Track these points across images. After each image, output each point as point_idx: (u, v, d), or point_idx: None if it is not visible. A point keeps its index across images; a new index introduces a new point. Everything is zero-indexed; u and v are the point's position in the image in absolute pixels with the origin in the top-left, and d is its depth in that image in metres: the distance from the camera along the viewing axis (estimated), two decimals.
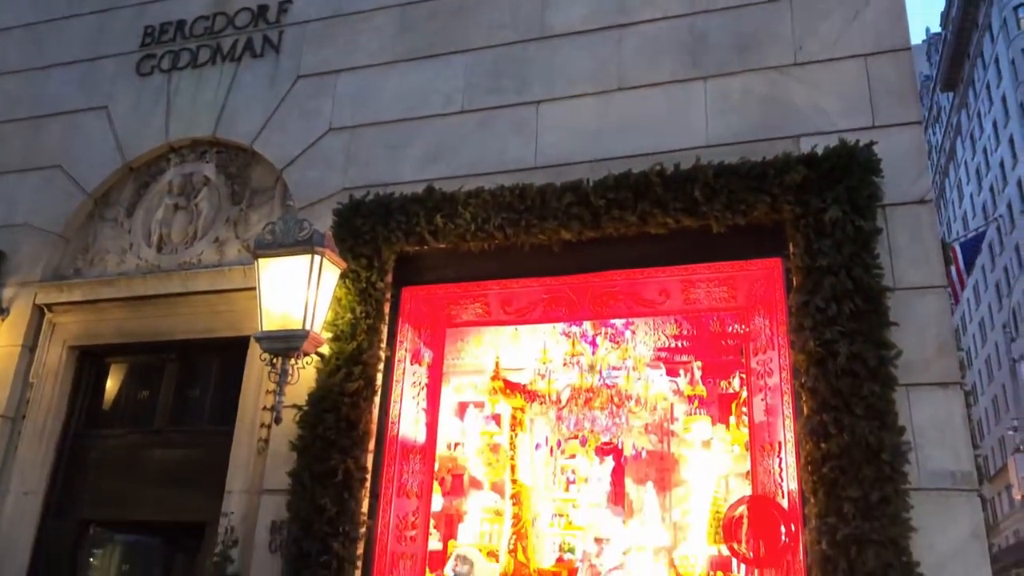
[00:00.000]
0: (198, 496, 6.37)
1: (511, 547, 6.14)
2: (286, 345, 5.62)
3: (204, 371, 7.18)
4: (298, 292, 5.60)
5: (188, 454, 6.70)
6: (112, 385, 7.32)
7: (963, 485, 4.54)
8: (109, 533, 7.00)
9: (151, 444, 6.86)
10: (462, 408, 7.77)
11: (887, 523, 4.38)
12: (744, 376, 6.22)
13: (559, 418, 6.77)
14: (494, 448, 7.14)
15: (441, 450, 7.08)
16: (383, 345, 6.15)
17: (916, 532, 4.39)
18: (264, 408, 6.14)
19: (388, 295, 6.18)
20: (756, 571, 5.30)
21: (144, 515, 6.70)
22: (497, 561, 6.27)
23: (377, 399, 6.03)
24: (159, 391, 7.12)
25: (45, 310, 7.14)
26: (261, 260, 5.59)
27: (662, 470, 7.02)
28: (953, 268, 9.08)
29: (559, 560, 6.30)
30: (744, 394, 6.22)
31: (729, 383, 7.06)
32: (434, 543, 6.68)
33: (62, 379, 7.02)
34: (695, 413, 6.75)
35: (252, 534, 5.82)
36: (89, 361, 7.23)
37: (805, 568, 4.75)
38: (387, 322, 6.23)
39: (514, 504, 6.33)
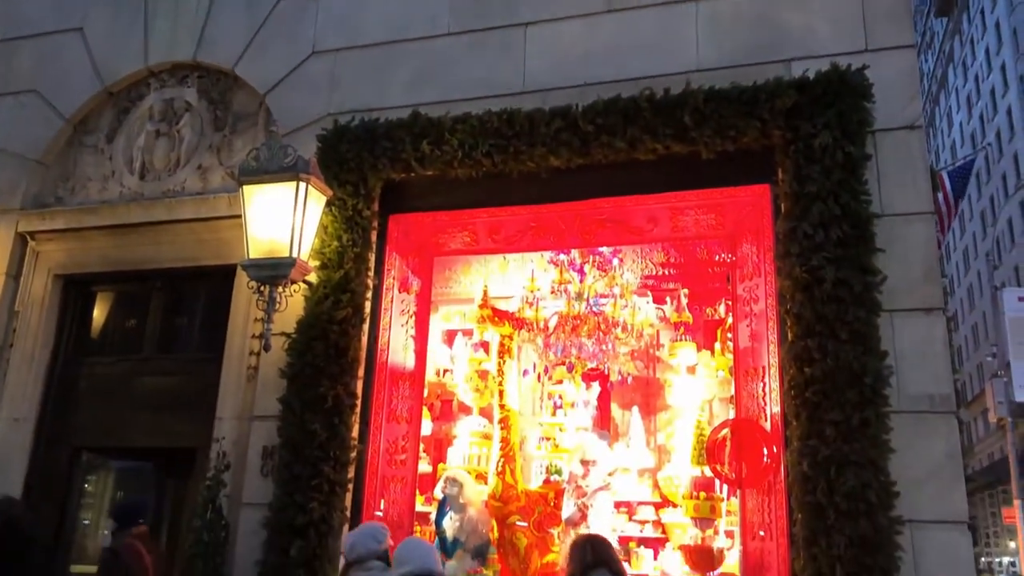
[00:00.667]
0: (188, 422, 6.44)
1: (499, 469, 6.26)
2: (273, 273, 5.60)
3: (191, 299, 7.17)
4: (284, 219, 5.55)
5: (177, 381, 6.74)
6: (99, 314, 7.31)
7: (941, 408, 4.65)
8: (102, 459, 7.08)
9: (140, 372, 6.89)
10: (451, 336, 7.82)
11: (867, 445, 4.49)
12: (730, 303, 6.27)
13: (547, 345, 6.82)
14: (482, 374, 7.22)
15: (430, 376, 7.15)
16: (371, 273, 6.14)
17: (894, 453, 4.51)
18: (253, 336, 6.16)
19: (375, 223, 6.14)
20: (738, 491, 5.44)
21: (135, 441, 6.78)
22: (485, 483, 6.41)
23: (366, 327, 6.05)
24: (146, 319, 7.12)
25: (28, 238, 7.07)
26: (246, 187, 5.53)
27: (647, 395, 7.14)
28: (941, 196, 9.09)
29: (546, 482, 6.44)
30: (730, 320, 6.28)
31: (715, 310, 7.12)
32: (424, 466, 6.81)
33: (48, 308, 7.00)
34: (681, 339, 6.82)
35: (244, 459, 5.90)
36: (75, 290, 7.20)
37: (786, 488, 4.88)
38: (374, 250, 6.21)
39: (502, 428, 6.43)
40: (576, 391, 6.95)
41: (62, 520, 6.68)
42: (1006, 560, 33.65)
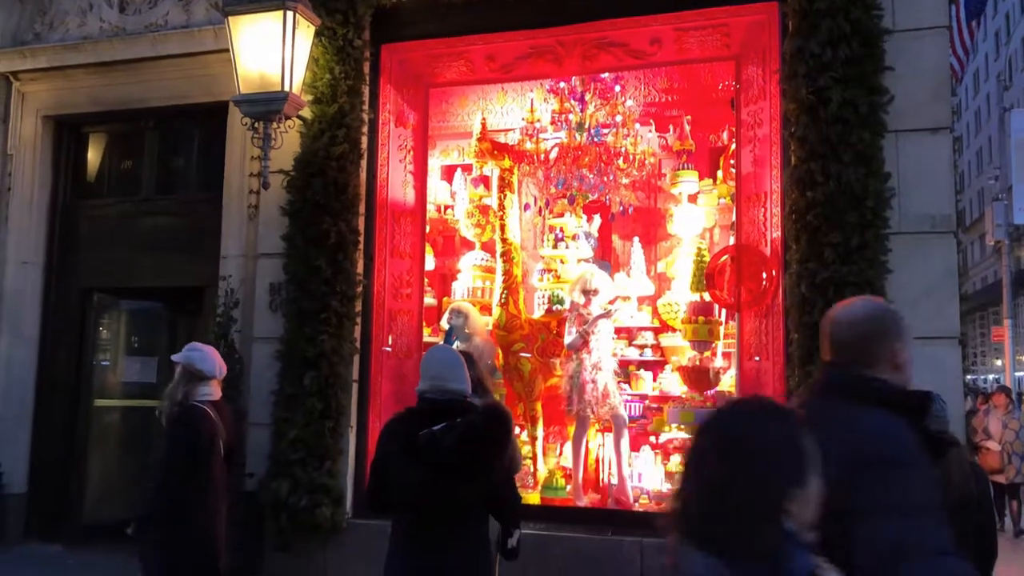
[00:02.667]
0: (193, 262, 6.52)
1: (503, 301, 6.37)
2: (266, 108, 5.46)
3: (185, 139, 7.06)
4: (273, 52, 5.35)
5: (178, 222, 6.76)
6: (93, 156, 7.22)
7: (941, 228, 4.66)
8: (112, 300, 7.22)
9: (140, 213, 6.90)
10: (450, 171, 7.74)
11: (864, 266, 4.55)
12: (733, 129, 6.15)
13: (547, 178, 6.75)
14: (483, 209, 7.19)
15: (431, 213, 7.14)
16: (365, 107, 6.00)
17: (891, 273, 4.57)
18: (251, 174, 6.11)
19: (367, 54, 5.94)
20: (736, 315, 5.57)
21: (143, 282, 6.89)
22: (489, 314, 6.55)
23: (364, 163, 5.99)
24: (142, 160, 7.05)
25: (11, 78, 6.87)
26: (231, 19, 5.30)
27: (648, 225, 7.15)
28: (954, 18, 8.64)
29: (548, 311, 6.57)
30: (733, 147, 6.19)
31: (718, 137, 6.99)
32: (429, 300, 6.93)
33: (41, 150, 6.91)
34: (683, 168, 6.74)
35: (252, 295, 6.01)
36: (66, 131, 7.07)
37: (783, 310, 4.99)
38: (368, 83, 6.03)
39: (504, 262, 6.48)
40: (577, 223, 6.94)
41: (80, 360, 6.91)
42: (991, 377, 35.05)
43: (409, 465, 2.57)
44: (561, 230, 6.95)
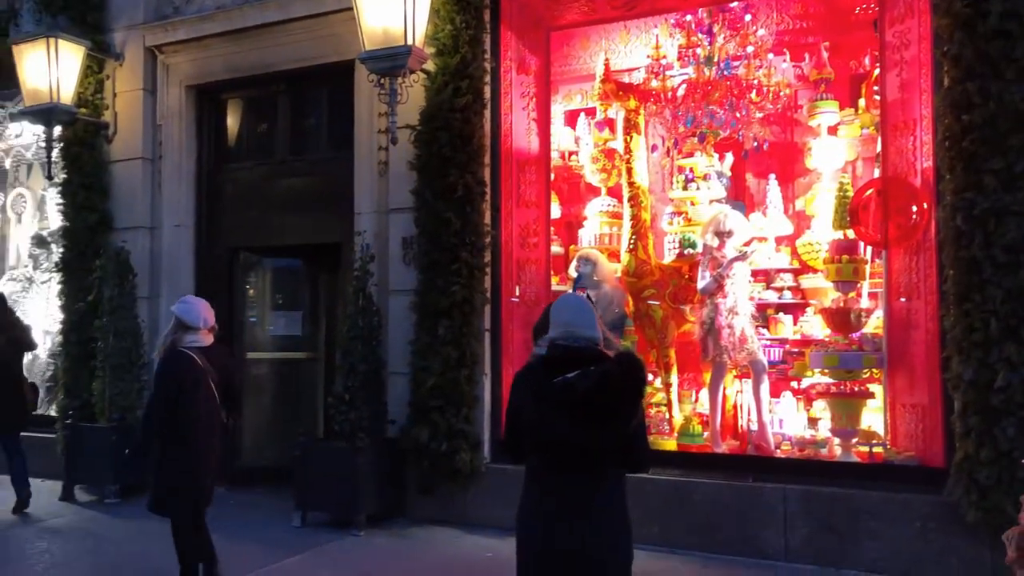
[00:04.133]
0: (330, 219, 6.75)
1: (631, 247, 6.24)
2: (391, 64, 5.53)
3: (315, 100, 7.27)
4: (395, 7, 5.40)
5: (313, 181, 7.00)
6: (232, 121, 7.55)
7: None
8: (257, 258, 7.60)
9: (277, 174, 7.19)
10: (573, 116, 7.60)
11: None
12: (876, 52, 5.71)
13: (675, 116, 6.50)
14: (609, 153, 7.03)
15: (555, 160, 7.06)
16: (487, 56, 5.97)
17: None
18: (379, 131, 6.22)
19: (486, 1, 5.89)
20: (883, 252, 5.23)
21: (284, 240, 7.20)
22: (618, 260, 6.45)
23: (487, 113, 5.98)
24: (276, 123, 7.32)
25: (156, 52, 7.25)
26: None
27: (785, 161, 6.78)
28: None
29: (680, 255, 6.39)
30: (876, 72, 5.75)
31: (859, 63, 6.50)
32: (556, 248, 6.90)
33: (186, 119, 7.29)
34: (821, 98, 6.32)
35: (386, 249, 6.18)
36: (207, 99, 7.42)
37: (936, 245, 4.65)
38: (488, 31, 5.99)
39: (632, 206, 6.33)
40: (708, 162, 6.67)
41: (231, 315, 7.33)
42: None
43: (543, 412, 2.56)
44: (691, 170, 6.71)
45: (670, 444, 5.83)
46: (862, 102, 6.35)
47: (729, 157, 6.78)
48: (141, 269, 7.01)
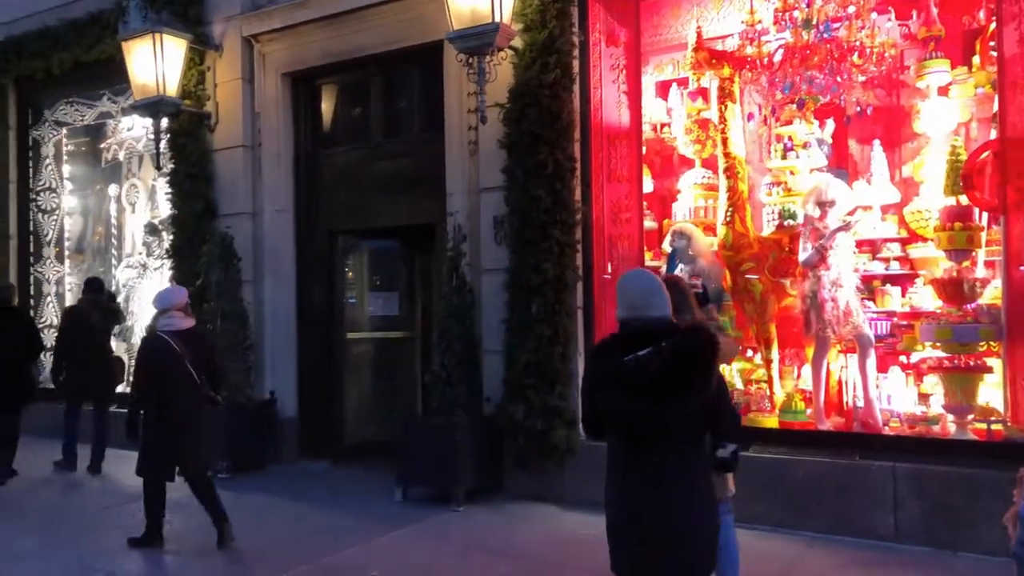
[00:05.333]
0: (423, 200, 6.83)
1: (728, 219, 6.06)
2: (479, 42, 5.53)
3: (406, 82, 7.36)
4: None
5: (406, 163, 7.09)
6: (327, 107, 7.72)
7: None
8: (354, 240, 7.78)
9: (372, 158, 7.32)
10: (665, 87, 7.42)
11: None
12: (992, 5, 5.34)
13: (772, 83, 6.24)
14: (702, 124, 6.84)
15: (647, 133, 6.92)
16: (575, 30, 5.89)
17: None
18: (468, 111, 6.24)
19: None
20: (1001, 218, 4.92)
21: (380, 222, 7.34)
22: (714, 234, 6.28)
23: (576, 87, 5.91)
24: (369, 107, 7.45)
25: (253, 41, 7.47)
26: None
27: (891, 125, 6.43)
28: None
29: (779, 227, 6.17)
30: (992, 26, 5.39)
31: (972, 17, 6.08)
32: (649, 223, 6.78)
33: (282, 106, 7.50)
34: (931, 57, 5.96)
35: (478, 229, 6.21)
36: (302, 86, 7.61)
37: None
38: (576, 4, 5.91)
39: (728, 177, 6.14)
40: (808, 130, 6.40)
41: (331, 297, 7.54)
42: None
43: (616, 391, 2.57)
44: (790, 139, 6.47)
45: (771, 421, 5.68)
46: (976, 59, 5.97)
47: (830, 124, 6.51)
48: (244, 254, 7.28)
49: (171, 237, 7.77)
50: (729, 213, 6.11)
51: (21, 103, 9.58)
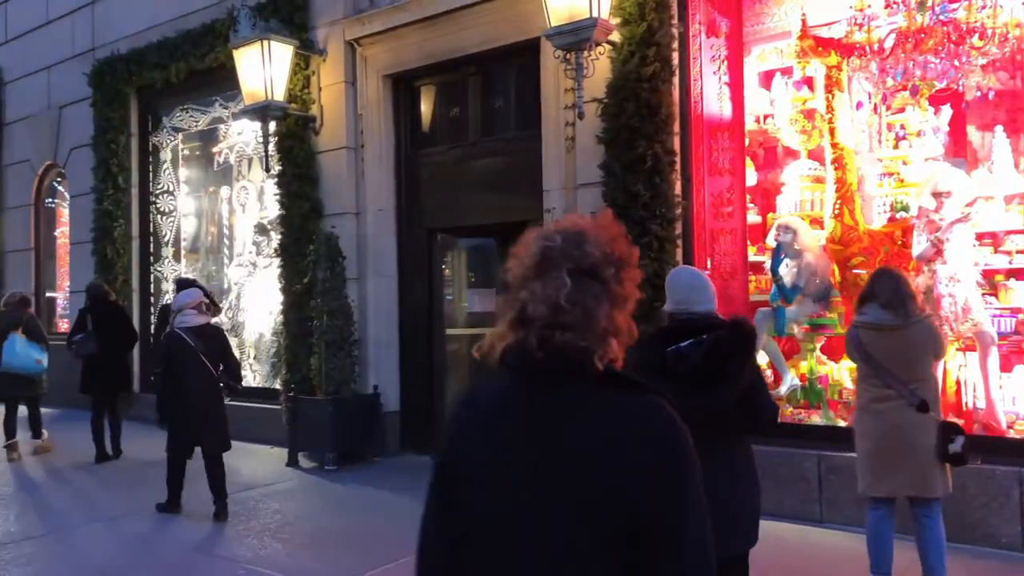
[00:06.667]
0: (520, 197, 6.85)
1: (836, 212, 5.85)
2: (576, 37, 5.51)
3: (502, 81, 7.40)
4: None
5: (503, 161, 7.14)
6: (425, 107, 7.85)
7: None
8: (451, 238, 7.89)
9: (469, 156, 7.40)
10: (768, 77, 7.20)
11: None
12: None
13: (883, 70, 5.98)
14: (808, 114, 6.60)
15: (749, 124, 6.74)
16: (674, 21, 5.79)
17: None
18: (565, 107, 6.23)
19: None
20: None
21: (476, 220, 7.42)
22: (822, 227, 6.06)
23: (676, 80, 5.82)
24: (467, 106, 7.53)
25: (355, 45, 7.66)
26: None
27: (1014, 109, 6.05)
28: None
29: (891, 220, 5.89)
30: None
31: None
32: (752, 216, 6.61)
33: (383, 107, 7.67)
34: None
35: None
36: (401, 87, 7.76)
37: None
38: None
39: (836, 168, 5.92)
40: (922, 117, 6.10)
41: (431, 294, 7.67)
42: None
43: (657, 382, 2.59)
44: (902, 127, 6.18)
45: None
46: None
47: (946, 110, 6.17)
48: (348, 252, 7.49)
49: (279, 237, 8.07)
50: (837, 206, 5.90)
51: (142, 111, 10.15)
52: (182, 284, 7.89)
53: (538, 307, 1.25)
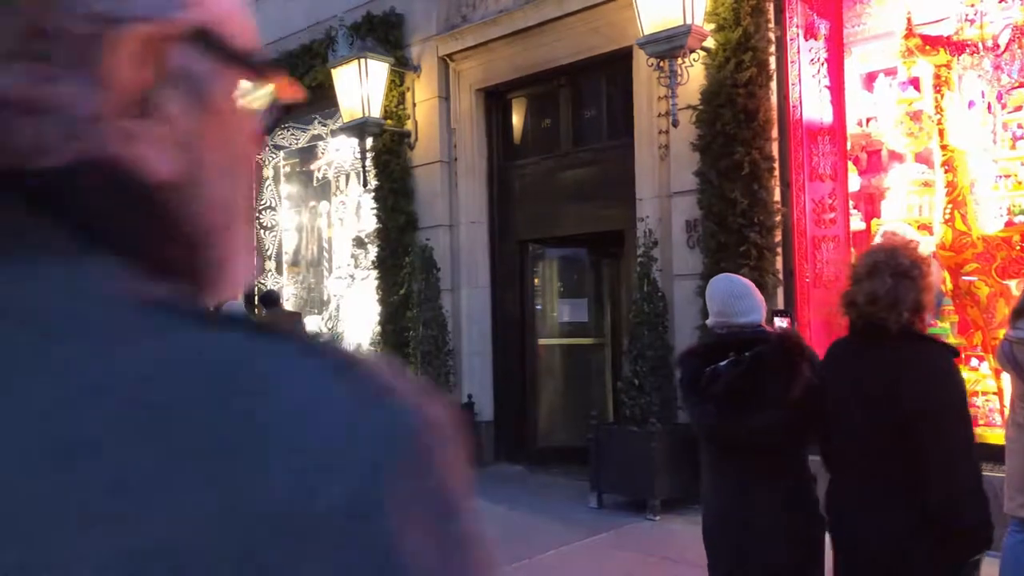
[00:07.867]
0: (611, 207, 6.82)
1: (947, 217, 5.57)
2: (670, 45, 5.45)
3: (593, 90, 7.39)
4: None
5: (594, 171, 7.12)
6: (517, 119, 7.91)
7: None
8: (543, 249, 7.92)
9: (561, 167, 7.41)
10: (870, 78, 6.95)
11: None
12: None
13: (997, 67, 5.68)
14: (915, 116, 6.33)
15: (852, 128, 6.51)
16: (771, 25, 5.67)
17: None
18: (659, 115, 6.17)
19: None
20: None
21: (567, 230, 7.42)
22: (931, 233, 5.79)
23: (773, 84, 5.69)
24: (558, 117, 7.55)
25: (448, 60, 7.79)
26: None
27: None
28: None
29: (1008, 224, 5.57)
30: None
31: None
32: (856, 223, 6.38)
33: (476, 121, 7.77)
34: None
35: (668, 234, 6.11)
36: (493, 100, 7.85)
37: None
38: None
39: (946, 172, 5.65)
40: None
41: (522, 304, 7.71)
42: None
43: (695, 402, 2.52)
44: (1020, 126, 5.86)
45: (999, 437, 5.14)
46: None
47: None
48: (443, 264, 7.60)
49: (376, 250, 8.26)
50: (948, 211, 5.63)
51: None
52: (267, 300, 8.18)
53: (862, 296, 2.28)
